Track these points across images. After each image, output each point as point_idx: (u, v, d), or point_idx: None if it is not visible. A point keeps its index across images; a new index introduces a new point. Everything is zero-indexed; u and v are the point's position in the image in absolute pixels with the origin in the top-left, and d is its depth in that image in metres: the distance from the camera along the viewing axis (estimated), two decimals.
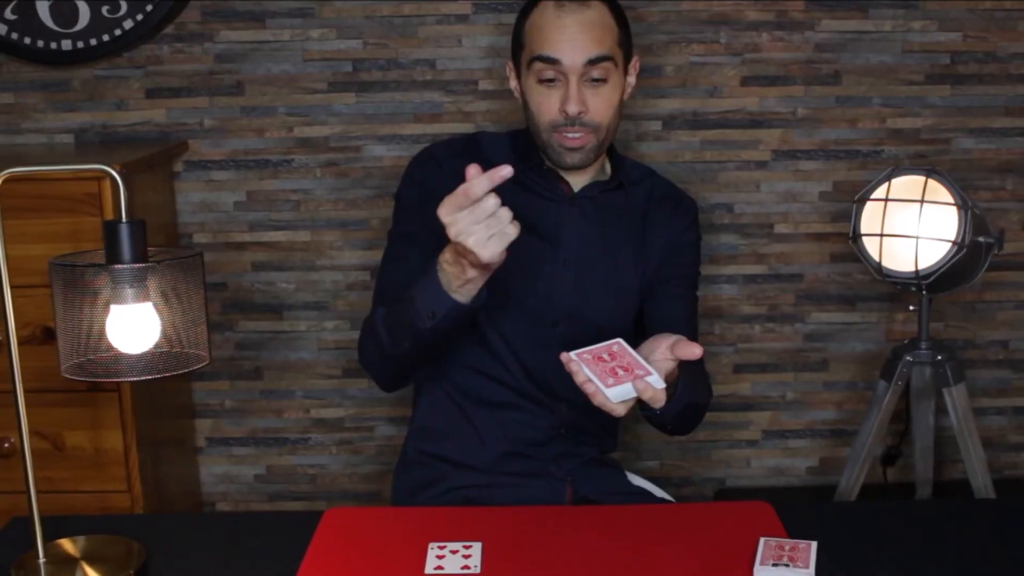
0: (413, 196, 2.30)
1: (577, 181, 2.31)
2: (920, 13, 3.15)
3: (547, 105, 2.21)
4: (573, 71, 2.17)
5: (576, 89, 2.17)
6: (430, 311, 1.99)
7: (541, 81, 2.20)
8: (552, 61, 2.17)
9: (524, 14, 2.26)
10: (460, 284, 1.94)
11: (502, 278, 2.24)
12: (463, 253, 1.86)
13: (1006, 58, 3.19)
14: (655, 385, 1.74)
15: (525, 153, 2.32)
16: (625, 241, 2.33)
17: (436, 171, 2.28)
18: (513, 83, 2.34)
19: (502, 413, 2.31)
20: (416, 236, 2.25)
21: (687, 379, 2.04)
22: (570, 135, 2.20)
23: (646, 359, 1.80)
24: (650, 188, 2.40)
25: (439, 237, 2.24)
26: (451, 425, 2.35)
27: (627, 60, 2.27)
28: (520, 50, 2.26)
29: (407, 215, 2.30)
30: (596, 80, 2.19)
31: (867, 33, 3.17)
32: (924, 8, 3.15)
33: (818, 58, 3.19)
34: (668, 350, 1.84)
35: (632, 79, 2.32)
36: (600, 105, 2.21)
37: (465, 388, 2.33)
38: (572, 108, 2.17)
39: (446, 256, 1.94)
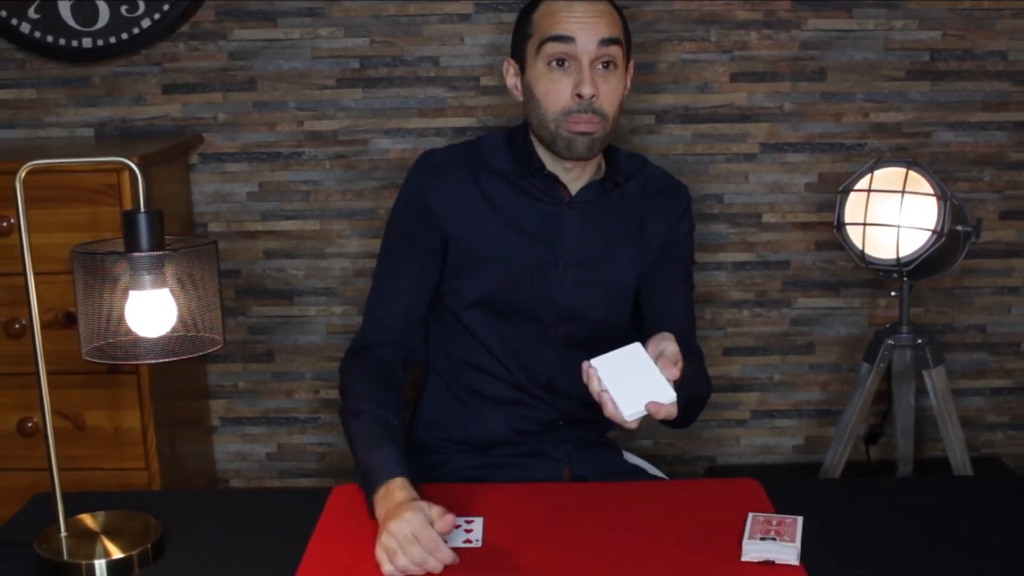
0: (409, 215, 2.26)
1: (574, 183, 2.25)
2: (901, 12, 3.15)
3: (556, 92, 2.13)
4: (586, 53, 2.10)
5: (589, 72, 2.10)
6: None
7: (551, 65, 2.13)
8: (566, 40, 2.10)
9: (528, 9, 2.20)
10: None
11: (503, 283, 2.24)
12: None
13: (983, 55, 3.18)
14: (666, 402, 1.72)
15: (525, 156, 2.25)
16: (623, 239, 2.29)
17: (435, 185, 2.24)
18: (512, 80, 2.26)
19: (504, 408, 2.29)
20: (411, 266, 2.25)
21: (690, 372, 2.02)
22: (580, 119, 2.12)
23: (656, 358, 1.78)
24: (644, 180, 2.34)
25: (433, 257, 2.25)
26: (454, 417, 2.34)
27: (628, 58, 2.22)
28: (526, 40, 2.18)
29: (401, 239, 2.27)
30: (606, 65, 2.13)
31: (851, 31, 3.17)
32: (905, 7, 3.14)
33: (804, 55, 3.18)
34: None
35: (628, 83, 2.25)
36: (609, 92, 2.14)
37: (468, 384, 2.31)
38: (586, 90, 2.10)
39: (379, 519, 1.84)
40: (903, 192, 2.63)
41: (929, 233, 2.63)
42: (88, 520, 1.84)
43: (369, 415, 2.06)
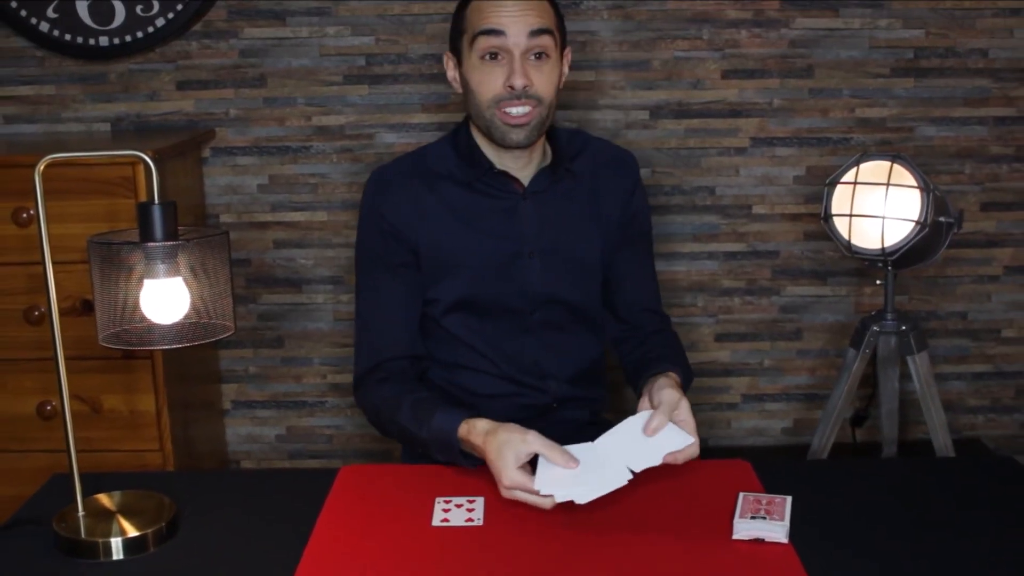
0: (377, 235, 2.23)
1: (525, 174, 2.23)
2: (886, 11, 3.14)
3: (489, 82, 2.11)
4: (517, 46, 2.07)
5: (520, 64, 2.07)
6: (445, 461, 2.02)
7: (484, 58, 2.10)
8: (497, 33, 2.07)
9: (462, 4, 2.16)
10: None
11: (475, 284, 2.23)
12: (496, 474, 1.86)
13: (964, 53, 3.18)
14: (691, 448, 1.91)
15: (471, 157, 2.23)
16: (582, 218, 2.28)
17: (392, 201, 2.21)
18: (452, 73, 2.22)
19: (498, 401, 2.27)
20: (392, 282, 2.23)
21: (683, 371, 2.15)
22: (515, 111, 2.10)
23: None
24: (592, 155, 2.32)
25: (410, 270, 2.23)
26: None
27: (563, 47, 2.19)
28: (461, 35, 2.15)
29: (375, 260, 2.25)
30: (539, 56, 2.10)
31: (837, 30, 3.16)
32: (890, 7, 3.14)
33: (793, 53, 3.18)
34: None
35: (566, 69, 2.22)
36: (542, 80, 2.11)
37: (460, 384, 2.29)
38: (518, 81, 2.07)
39: (476, 452, 1.95)
40: (888, 184, 2.63)
41: (913, 224, 2.62)
42: (105, 500, 1.84)
43: (406, 402, 2.10)
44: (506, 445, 1.84)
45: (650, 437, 1.89)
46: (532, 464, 1.84)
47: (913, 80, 3.20)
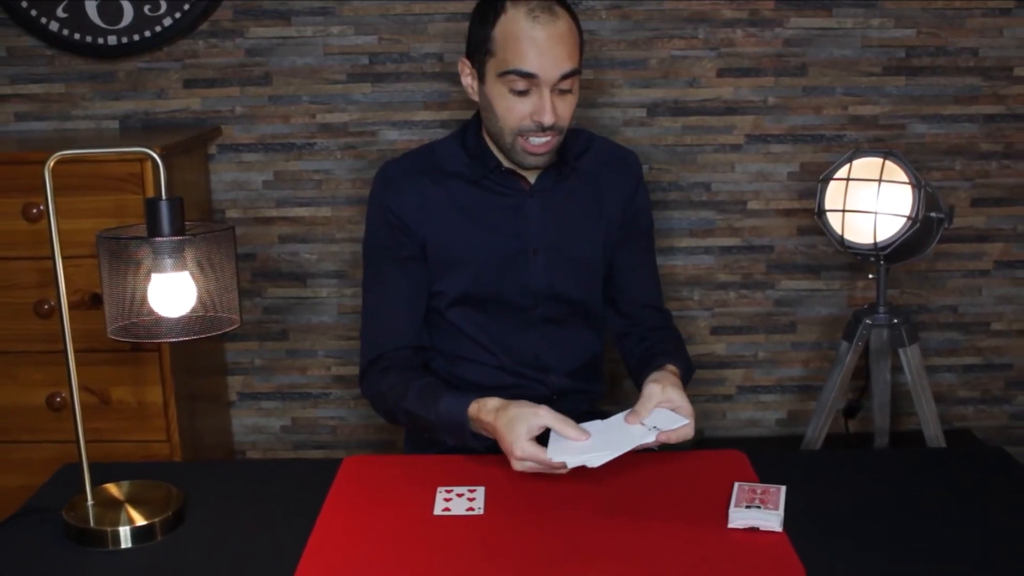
0: (385, 230, 2.23)
1: (531, 172, 2.23)
2: (878, 11, 3.14)
3: (516, 112, 2.08)
4: (547, 83, 2.05)
5: (550, 102, 2.06)
6: (456, 444, 2.04)
7: (512, 91, 2.07)
8: (529, 76, 2.04)
9: (489, 18, 2.10)
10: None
11: (480, 279, 2.23)
12: (507, 451, 1.89)
13: (955, 52, 3.17)
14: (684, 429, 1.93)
15: (480, 155, 2.22)
16: (585, 216, 2.28)
17: (399, 197, 2.21)
18: (469, 81, 2.19)
19: (499, 393, 2.26)
20: (399, 275, 2.24)
21: (683, 364, 2.14)
22: (537, 140, 2.10)
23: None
24: (595, 153, 2.32)
25: (417, 263, 2.24)
26: None
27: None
28: (486, 55, 2.10)
29: (383, 254, 2.25)
30: (564, 91, 2.09)
31: (831, 29, 3.16)
32: (882, 7, 3.14)
33: (787, 52, 3.17)
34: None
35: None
36: (566, 111, 2.11)
37: (461, 376, 2.30)
38: (547, 120, 2.06)
39: (487, 429, 1.97)
40: (880, 181, 2.63)
41: (904, 219, 2.62)
42: (113, 489, 1.84)
43: (412, 389, 2.11)
44: (518, 419, 1.86)
45: (646, 419, 1.91)
46: (540, 442, 1.86)
47: (905, 78, 3.19)
